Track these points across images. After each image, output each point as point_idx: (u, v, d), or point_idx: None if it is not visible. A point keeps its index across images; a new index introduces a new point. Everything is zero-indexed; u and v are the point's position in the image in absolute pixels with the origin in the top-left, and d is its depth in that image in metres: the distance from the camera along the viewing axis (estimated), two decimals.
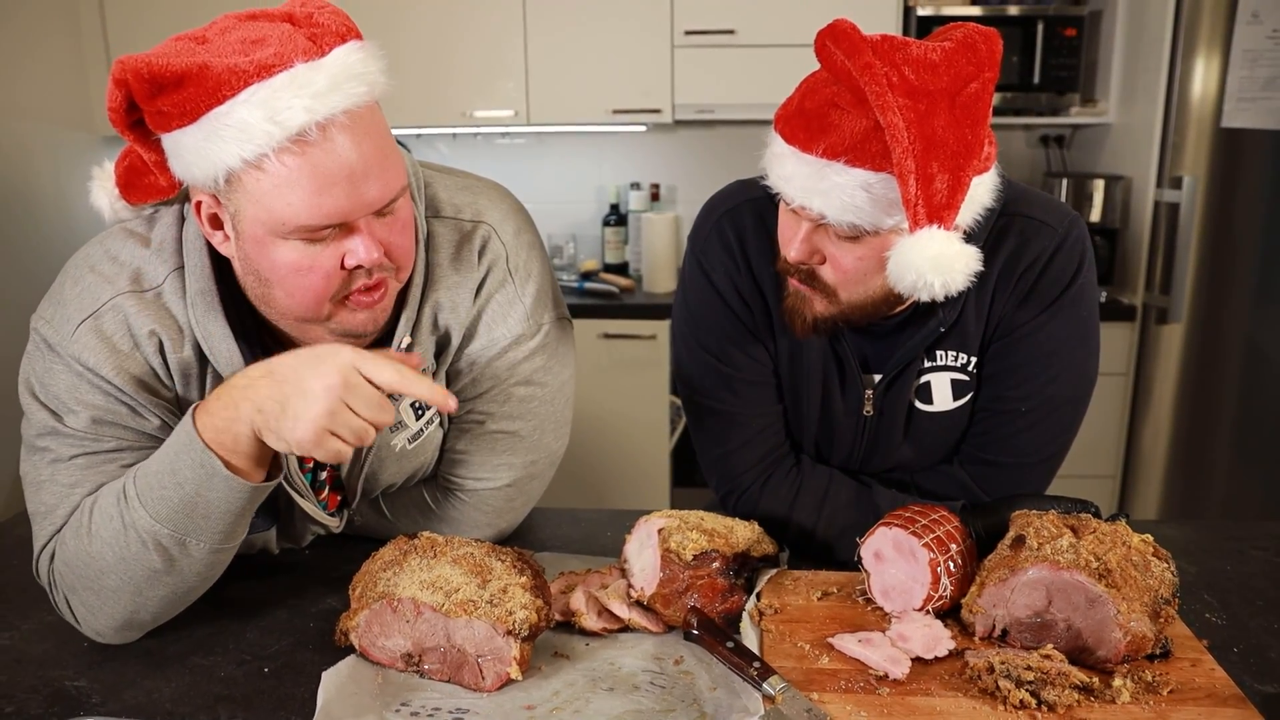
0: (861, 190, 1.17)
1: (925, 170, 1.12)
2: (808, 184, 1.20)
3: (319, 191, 1.06)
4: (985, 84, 1.17)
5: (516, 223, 1.35)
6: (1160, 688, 1.07)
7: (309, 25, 1.09)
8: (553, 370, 1.37)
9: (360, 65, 1.08)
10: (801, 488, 1.44)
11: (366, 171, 1.08)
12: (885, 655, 1.12)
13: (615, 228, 3.95)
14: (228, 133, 1.04)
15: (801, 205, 1.22)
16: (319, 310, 1.15)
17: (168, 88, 1.05)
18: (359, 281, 1.15)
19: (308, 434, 1.06)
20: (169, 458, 1.12)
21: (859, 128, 1.16)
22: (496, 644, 1.09)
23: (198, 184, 1.10)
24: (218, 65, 1.03)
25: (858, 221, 1.19)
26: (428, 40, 3.52)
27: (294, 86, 1.04)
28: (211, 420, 1.10)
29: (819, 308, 1.31)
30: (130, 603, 1.15)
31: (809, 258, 1.27)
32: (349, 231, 1.11)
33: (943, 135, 1.13)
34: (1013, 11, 3.47)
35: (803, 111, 1.21)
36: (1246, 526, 1.52)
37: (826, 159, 1.17)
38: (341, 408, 1.06)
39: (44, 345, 1.18)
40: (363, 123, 1.08)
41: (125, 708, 1.09)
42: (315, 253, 1.11)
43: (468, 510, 1.40)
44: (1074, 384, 1.41)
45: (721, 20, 3.47)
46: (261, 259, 1.11)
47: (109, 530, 1.13)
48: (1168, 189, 3.25)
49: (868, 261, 1.24)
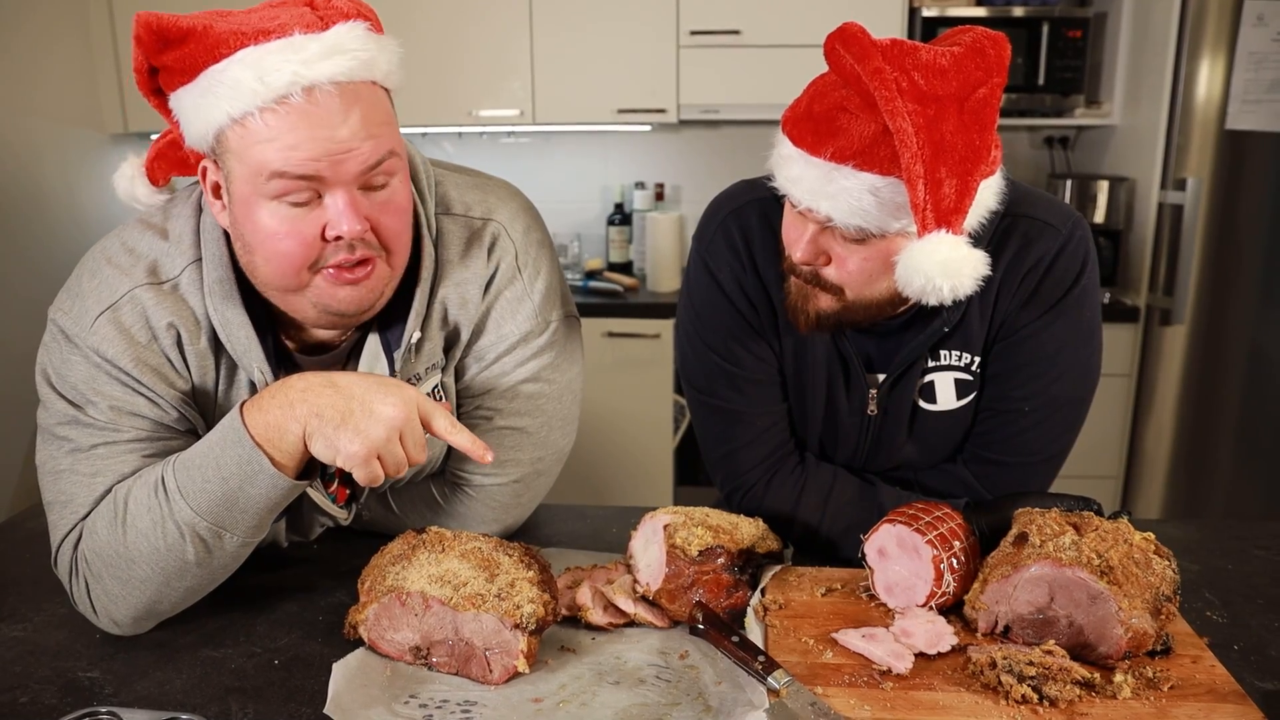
0: (869, 194, 1.18)
1: (934, 175, 1.13)
2: (815, 186, 1.20)
3: (296, 144, 1.08)
4: (993, 89, 1.18)
5: (526, 221, 1.36)
6: (1161, 684, 1.08)
7: (324, 6, 1.13)
8: (560, 368, 1.38)
9: (357, 42, 1.11)
10: (806, 485, 1.45)
11: (350, 134, 1.10)
12: (889, 650, 1.13)
13: (620, 227, 3.96)
14: (220, 89, 1.08)
15: (809, 208, 1.22)
16: (297, 278, 1.15)
17: (172, 43, 1.09)
18: (340, 255, 1.15)
19: (361, 450, 1.10)
20: (213, 451, 1.13)
21: (868, 132, 1.16)
22: (504, 637, 1.11)
23: (195, 145, 1.14)
24: (220, 26, 1.08)
25: (865, 225, 1.20)
26: (434, 39, 3.54)
27: (287, 51, 1.07)
28: (263, 417, 1.12)
29: (823, 304, 1.32)
30: (155, 593, 1.17)
31: (815, 259, 1.28)
32: (332, 201, 1.12)
33: (951, 140, 1.14)
34: (1018, 13, 3.48)
35: (811, 115, 1.21)
36: (1248, 526, 1.53)
37: (835, 162, 1.18)
38: (395, 438, 1.11)
39: (62, 336, 1.19)
40: (353, 95, 1.10)
41: (137, 698, 1.10)
42: (296, 217, 1.12)
43: (475, 506, 1.41)
44: (1077, 384, 1.42)
45: (727, 21, 3.48)
46: (247, 222, 1.13)
47: (146, 521, 1.14)
48: (1172, 191, 3.26)
49: (873, 264, 1.25)
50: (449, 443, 1.17)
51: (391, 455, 1.12)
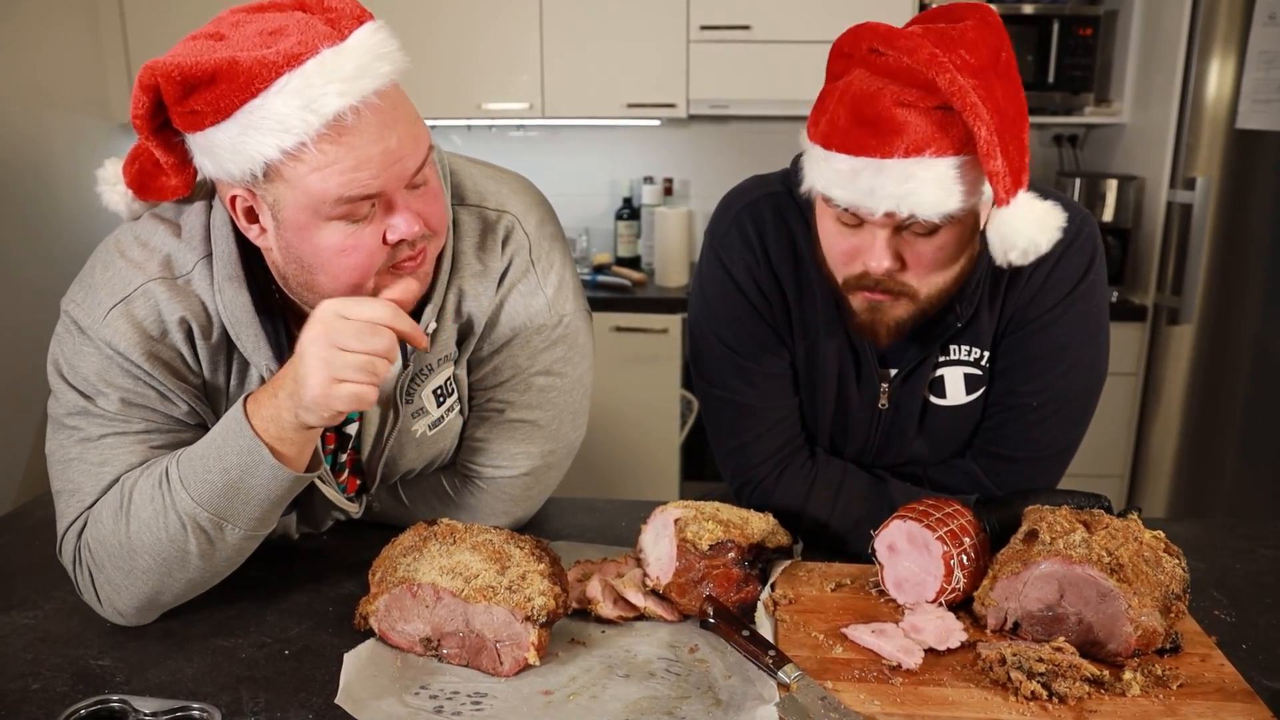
0: (953, 178, 1.17)
1: (1004, 142, 1.14)
2: (894, 189, 1.17)
3: (357, 168, 1.07)
4: (1009, 50, 1.21)
5: (540, 214, 1.36)
6: (1170, 681, 1.08)
7: (323, 10, 1.10)
8: (572, 361, 1.38)
9: (382, 45, 1.09)
10: (816, 480, 1.46)
11: (400, 146, 1.10)
12: (898, 646, 1.14)
13: (628, 221, 3.96)
14: (265, 125, 1.04)
15: (890, 211, 1.19)
16: (365, 288, 1.16)
17: (200, 87, 1.05)
18: (403, 254, 1.15)
19: (317, 390, 1.09)
20: (216, 443, 1.14)
21: (934, 119, 1.16)
22: (515, 630, 1.11)
23: (233, 179, 1.10)
24: (246, 59, 1.04)
25: (951, 209, 1.18)
26: (444, 32, 3.53)
27: (324, 73, 1.04)
28: (260, 409, 1.13)
29: (900, 312, 1.31)
30: (157, 583, 1.17)
31: (895, 265, 1.26)
32: (388, 209, 1.12)
33: (1004, 104, 1.16)
34: (1028, 10, 3.47)
35: (865, 121, 1.18)
36: (1255, 525, 1.53)
37: (911, 157, 1.16)
38: (334, 352, 1.08)
39: (74, 328, 1.19)
40: (391, 100, 1.10)
41: (149, 686, 1.10)
42: (357, 231, 1.11)
43: (485, 498, 1.41)
44: (1085, 379, 1.42)
45: (737, 16, 3.47)
46: (304, 245, 1.12)
47: (148, 511, 1.15)
48: (1181, 190, 3.25)
49: (949, 248, 1.25)
50: (387, 325, 1.12)
51: (347, 366, 1.08)
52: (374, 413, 1.33)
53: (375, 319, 1.10)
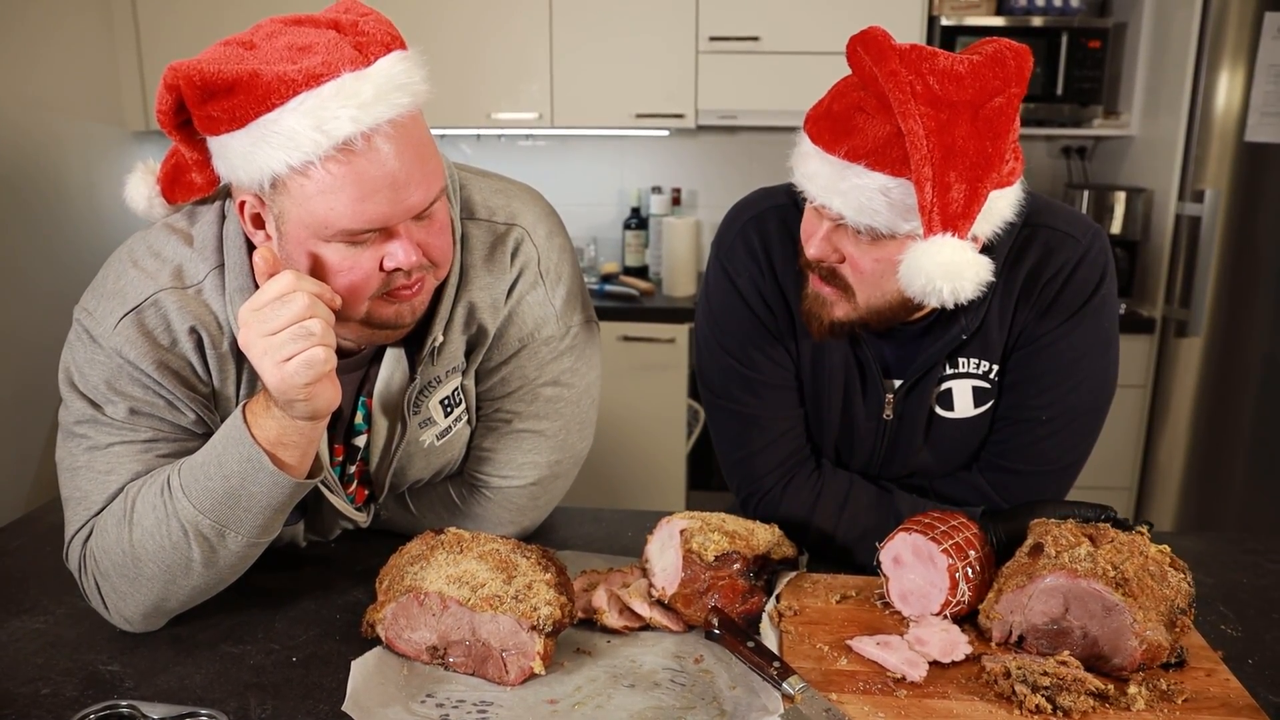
0: (880, 194, 1.19)
1: (942, 178, 1.14)
2: (829, 184, 1.23)
3: (362, 198, 1.09)
4: (1011, 99, 1.19)
5: (549, 226, 1.37)
6: (1175, 696, 1.08)
7: (355, 33, 1.11)
8: (580, 372, 1.39)
9: (404, 75, 1.11)
10: (822, 492, 1.46)
11: (408, 179, 1.11)
12: (903, 658, 1.14)
13: (636, 231, 3.97)
14: (275, 139, 1.06)
15: (823, 204, 1.24)
16: (357, 310, 1.18)
17: (218, 94, 1.07)
18: (398, 281, 1.17)
19: (274, 378, 1.09)
20: (216, 450, 1.15)
21: (881, 133, 1.18)
22: (521, 639, 1.11)
23: (243, 186, 1.13)
24: (267, 73, 1.06)
25: (875, 224, 1.22)
26: (453, 42, 3.55)
27: (341, 96, 1.06)
28: (257, 416, 1.14)
29: (838, 312, 1.33)
30: (162, 591, 1.18)
31: (827, 256, 1.29)
32: (389, 235, 1.14)
33: (963, 145, 1.15)
34: (1037, 23, 3.47)
35: (830, 113, 1.24)
36: (1263, 539, 1.52)
37: (848, 160, 1.20)
38: (265, 340, 1.09)
39: (85, 336, 1.20)
40: (405, 131, 1.11)
41: (158, 692, 1.11)
42: (355, 254, 1.14)
43: (492, 507, 1.42)
44: (1094, 393, 1.42)
45: (746, 27, 3.48)
46: (301, 259, 1.14)
47: (151, 519, 1.16)
48: (1189, 202, 3.25)
49: (884, 264, 1.26)
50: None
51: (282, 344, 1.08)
52: (382, 424, 1.34)
53: (279, 294, 1.09)
